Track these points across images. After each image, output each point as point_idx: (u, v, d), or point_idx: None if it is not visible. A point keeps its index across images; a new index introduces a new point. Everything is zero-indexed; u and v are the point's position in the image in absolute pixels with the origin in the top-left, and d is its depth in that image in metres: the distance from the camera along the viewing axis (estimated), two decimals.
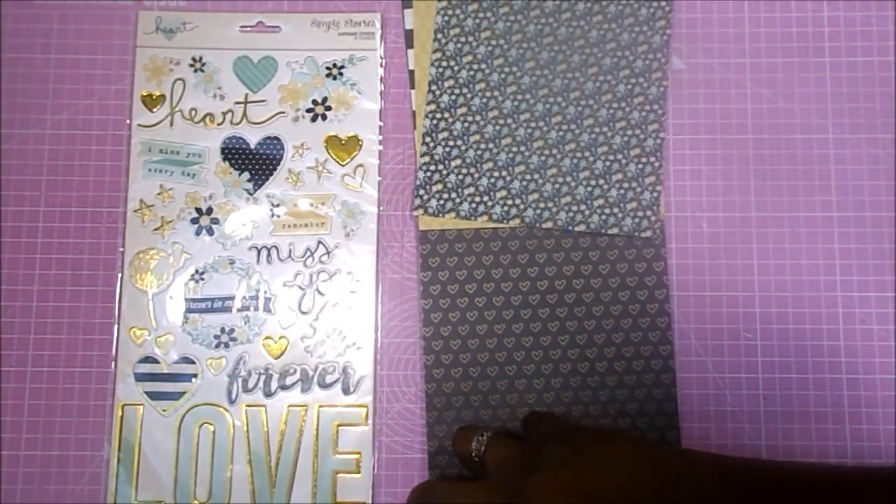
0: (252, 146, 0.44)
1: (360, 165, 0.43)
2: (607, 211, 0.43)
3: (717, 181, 0.43)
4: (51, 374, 0.42)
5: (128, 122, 0.44)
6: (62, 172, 0.44)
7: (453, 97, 0.44)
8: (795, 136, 0.44)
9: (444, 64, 0.44)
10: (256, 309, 0.42)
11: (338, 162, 0.44)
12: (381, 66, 0.44)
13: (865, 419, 0.41)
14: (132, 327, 0.42)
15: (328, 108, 0.44)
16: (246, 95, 0.44)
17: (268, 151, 0.44)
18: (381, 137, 0.44)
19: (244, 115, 0.44)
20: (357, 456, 0.41)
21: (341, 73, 0.44)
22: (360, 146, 0.44)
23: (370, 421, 0.41)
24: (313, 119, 0.44)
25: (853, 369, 0.41)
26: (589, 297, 0.42)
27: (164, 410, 0.41)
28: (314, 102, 0.44)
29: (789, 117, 0.44)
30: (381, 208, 0.43)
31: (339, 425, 0.41)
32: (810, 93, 0.44)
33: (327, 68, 0.44)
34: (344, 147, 0.44)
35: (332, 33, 0.44)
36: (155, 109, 0.44)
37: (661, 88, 0.44)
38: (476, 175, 0.43)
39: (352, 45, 0.44)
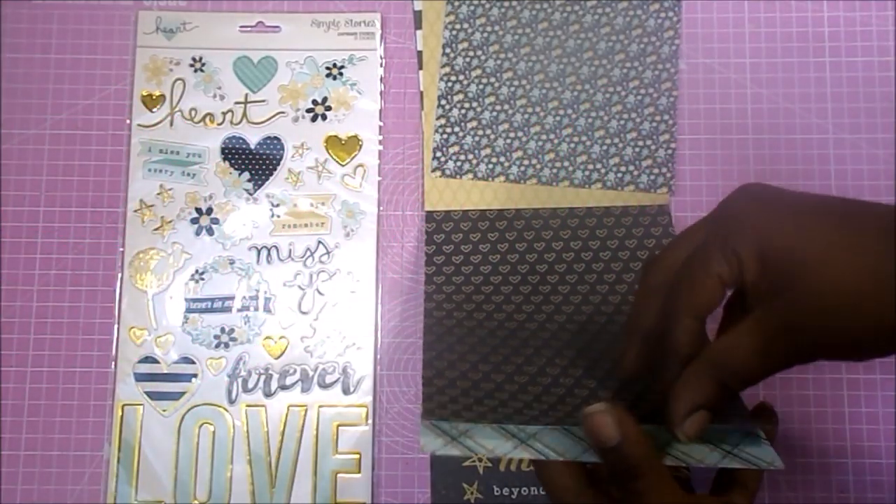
0: (252, 146, 0.44)
1: (360, 165, 0.43)
2: (623, 169, 0.43)
3: (716, 181, 0.43)
4: (51, 374, 0.42)
5: (128, 122, 0.44)
6: (62, 172, 0.43)
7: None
8: (795, 136, 0.44)
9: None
10: (256, 309, 0.42)
11: (338, 162, 0.44)
12: (381, 66, 0.44)
13: (865, 419, 0.41)
14: (132, 327, 0.42)
15: (328, 108, 0.44)
16: (246, 95, 0.44)
17: (268, 151, 0.44)
18: (381, 137, 0.44)
19: (244, 115, 0.44)
20: (357, 456, 0.41)
21: (341, 73, 0.44)
22: (360, 146, 0.44)
23: (370, 421, 0.41)
24: (313, 119, 0.44)
25: (853, 369, 0.41)
26: (592, 277, 0.42)
27: (164, 410, 0.41)
28: (314, 102, 0.44)
29: (789, 117, 0.44)
30: (381, 208, 0.43)
31: (339, 425, 0.41)
32: (810, 93, 0.44)
33: (327, 68, 0.44)
34: (344, 147, 0.44)
35: (332, 33, 0.44)
36: (155, 109, 0.44)
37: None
38: (492, 136, 0.43)
39: (352, 45, 0.44)
